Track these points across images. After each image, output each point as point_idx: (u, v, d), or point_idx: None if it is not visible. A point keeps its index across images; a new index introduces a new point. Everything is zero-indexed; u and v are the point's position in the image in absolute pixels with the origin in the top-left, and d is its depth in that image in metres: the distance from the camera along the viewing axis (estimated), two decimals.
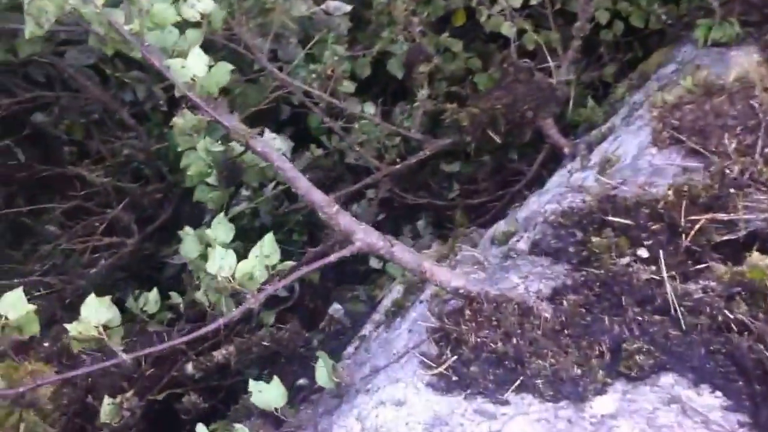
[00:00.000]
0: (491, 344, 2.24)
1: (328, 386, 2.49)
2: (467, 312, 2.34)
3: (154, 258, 3.98)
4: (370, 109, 4.32)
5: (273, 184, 4.40)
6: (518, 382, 2.19)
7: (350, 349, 3.35)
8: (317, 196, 2.49)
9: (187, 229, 3.51)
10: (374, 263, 4.74)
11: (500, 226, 3.41)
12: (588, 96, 4.18)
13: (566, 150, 3.87)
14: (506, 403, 2.15)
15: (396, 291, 3.50)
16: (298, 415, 2.98)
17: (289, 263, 3.00)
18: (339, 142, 4.42)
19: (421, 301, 2.87)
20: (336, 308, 3.81)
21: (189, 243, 3.44)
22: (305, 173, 4.60)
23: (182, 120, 2.83)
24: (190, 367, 3.27)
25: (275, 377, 2.53)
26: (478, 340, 2.26)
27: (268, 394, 2.46)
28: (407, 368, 2.33)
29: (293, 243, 4.67)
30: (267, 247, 2.88)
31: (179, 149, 3.14)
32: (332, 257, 2.45)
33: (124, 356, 2.18)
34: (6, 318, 2.18)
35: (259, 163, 3.44)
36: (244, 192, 4.41)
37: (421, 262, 2.43)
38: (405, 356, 2.39)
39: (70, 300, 3.62)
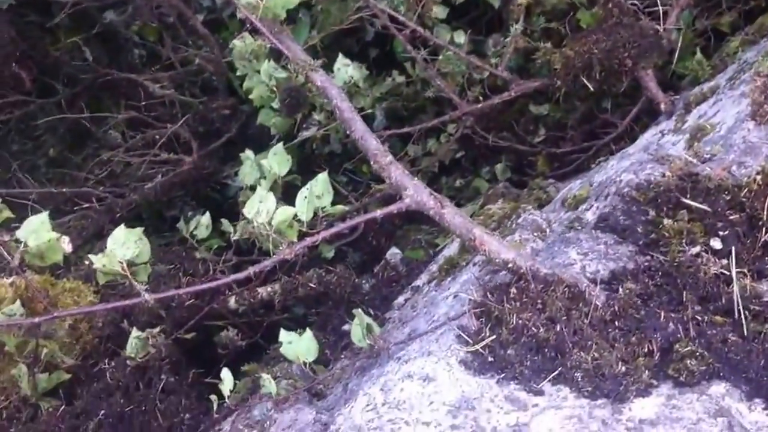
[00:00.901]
0: (533, 328, 2.25)
1: (361, 346, 2.54)
2: (513, 290, 2.34)
3: (215, 177, 4.06)
4: (460, 38, 4.27)
5: None
6: (556, 372, 2.19)
7: (401, 299, 3.40)
8: (372, 144, 2.50)
9: (248, 152, 3.58)
10: None
11: (574, 188, 3.36)
12: (697, 47, 4.02)
13: (663, 106, 3.75)
14: (540, 393, 2.16)
15: (454, 245, 3.52)
16: (335, 365, 3.06)
17: (341, 208, 3.04)
18: (423, 71, 4.38)
19: (474, 263, 2.88)
20: (393, 252, 3.85)
21: (247, 168, 3.51)
22: (384, 101, 4.67)
23: (242, 44, 2.85)
24: (232, 301, 3.37)
25: (308, 330, 2.59)
26: (520, 321, 2.26)
27: (298, 346, 2.53)
28: (443, 340, 2.36)
29: (363, 174, 4.71)
30: (319, 187, 2.92)
31: (238, 73, 3.17)
32: (378, 213, 2.47)
33: (147, 296, 2.26)
34: (26, 245, 2.25)
35: None
36: (316, 116, 4.44)
37: (472, 229, 2.43)
38: (443, 327, 2.41)
39: (120, 214, 3.75)
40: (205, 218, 3.54)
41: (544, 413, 2.10)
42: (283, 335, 2.58)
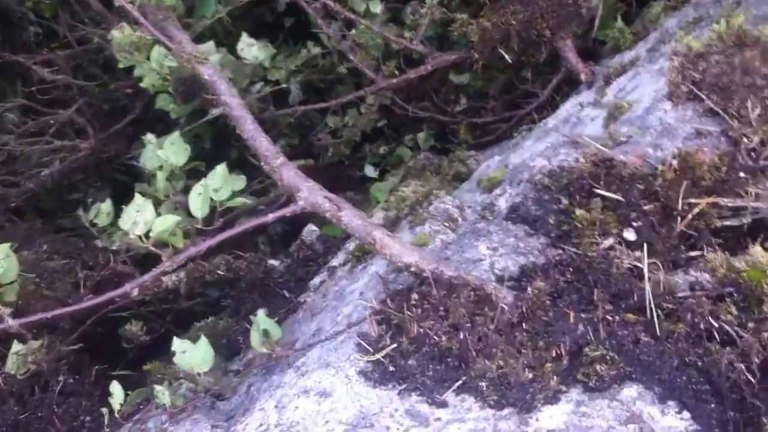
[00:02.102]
0: (435, 337, 2.10)
1: (260, 350, 2.38)
2: (414, 295, 2.19)
3: (120, 159, 3.82)
4: (376, 7, 4.05)
5: (261, 84, 4.21)
6: (460, 381, 2.06)
7: (317, 280, 3.23)
8: (262, 144, 2.31)
9: (149, 136, 3.36)
10: (371, 171, 4.60)
11: (491, 166, 3.22)
12: (618, 12, 3.87)
13: (583, 77, 3.62)
14: (443, 404, 2.02)
15: (377, 217, 3.36)
16: (246, 354, 2.89)
17: (242, 201, 2.86)
18: (338, 44, 4.17)
19: None
20: (310, 230, 3.67)
21: (149, 153, 3.29)
22: (299, 74, 4.45)
23: (120, 35, 2.62)
24: (135, 291, 3.16)
25: (202, 338, 2.41)
26: (421, 330, 2.12)
27: (192, 356, 2.35)
28: (343, 349, 2.20)
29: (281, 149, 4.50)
30: (217, 180, 2.73)
31: (120, 66, 2.93)
32: (270, 217, 2.30)
33: (11, 322, 2.07)
34: None
35: None
36: None
37: (372, 232, 2.26)
38: (344, 334, 2.25)
39: (15, 203, 3.50)
40: (106, 205, 3.31)
41: (447, 428, 1.96)
42: (176, 344, 2.40)
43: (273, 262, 3.49)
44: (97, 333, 3.18)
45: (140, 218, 2.26)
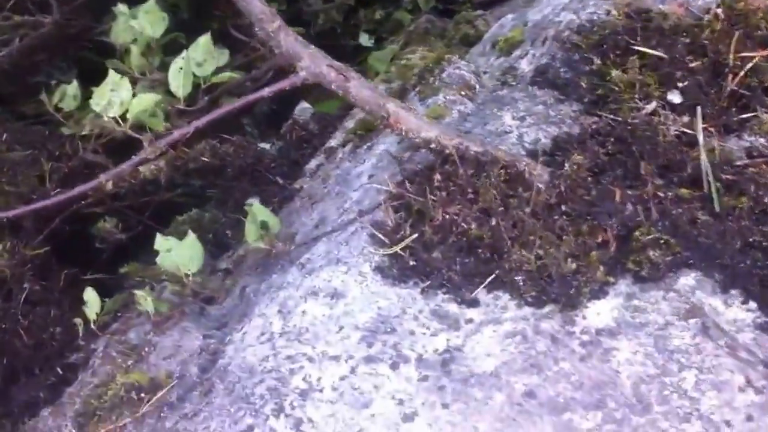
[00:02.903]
0: (463, 224, 1.80)
1: (256, 247, 2.08)
2: (437, 176, 1.88)
3: (87, 35, 3.41)
4: None
5: None
6: (493, 276, 1.77)
7: (313, 164, 2.91)
8: (256, 6, 1.95)
9: (121, 6, 2.96)
10: (365, 39, 4.23)
11: (506, 25, 2.86)
12: None
13: None
14: (474, 303, 1.74)
15: None
16: (236, 249, 2.60)
17: (228, 75, 2.52)
18: None
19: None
20: (303, 108, 3.33)
21: (120, 25, 2.91)
22: None
23: None
24: (109, 185, 2.84)
25: (190, 233, 2.11)
26: (447, 216, 1.82)
27: (178, 254, 2.05)
28: (354, 242, 1.91)
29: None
30: (199, 53, 2.39)
31: None
32: (266, 91, 1.96)
33: None
34: None
35: None
36: None
37: (385, 104, 1.93)
38: (354, 224, 1.96)
39: None
40: (73, 87, 2.94)
41: (481, 331, 1.69)
42: (159, 242, 2.09)
43: (263, 145, 3.15)
44: (65, 233, 2.87)
45: (115, 98, 1.92)
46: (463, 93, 2.34)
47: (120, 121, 1.89)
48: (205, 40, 2.40)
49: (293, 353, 1.65)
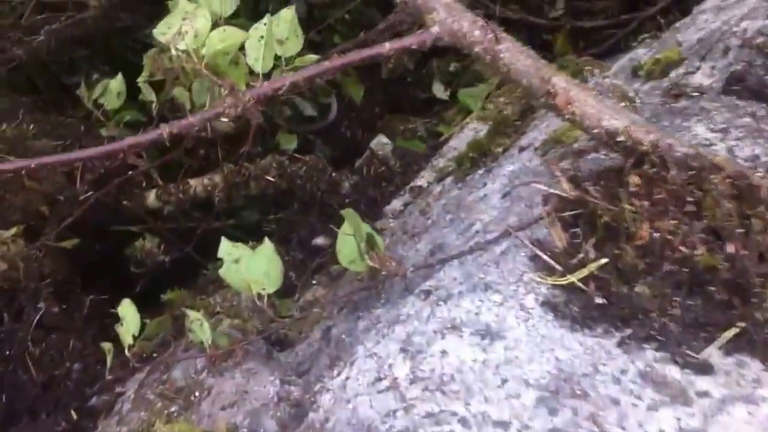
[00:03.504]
0: (683, 247, 1.20)
1: (356, 270, 1.48)
2: (634, 179, 1.29)
3: (134, 33, 2.88)
4: None
5: None
6: (735, 330, 1.16)
7: (396, 204, 2.38)
8: None
9: None
10: (440, 91, 3.69)
11: (639, 56, 2.33)
12: None
13: None
14: (706, 368, 1.12)
15: (471, 129, 2.51)
16: (303, 295, 2.04)
17: (313, 57, 1.97)
18: None
19: (524, 147, 1.83)
20: (382, 142, 2.78)
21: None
22: None
23: None
24: (152, 197, 2.28)
25: (266, 241, 1.52)
26: (657, 234, 1.22)
27: (251, 266, 1.46)
28: (507, 264, 1.31)
29: (332, 47, 3.58)
30: (282, 28, 1.85)
31: None
32: (386, 46, 1.39)
33: None
34: None
35: None
36: None
37: (550, 77, 1.37)
38: (502, 241, 1.36)
39: (3, 70, 2.58)
40: (117, 82, 2.41)
41: (727, 411, 1.07)
42: (225, 247, 1.49)
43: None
44: (95, 252, 2.30)
45: (188, 27, 1.36)
46: (623, 104, 1.77)
47: (193, 55, 1.32)
48: (288, 13, 1.86)
49: (436, 410, 1.04)
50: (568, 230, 1.29)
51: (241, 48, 1.46)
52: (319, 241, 2.46)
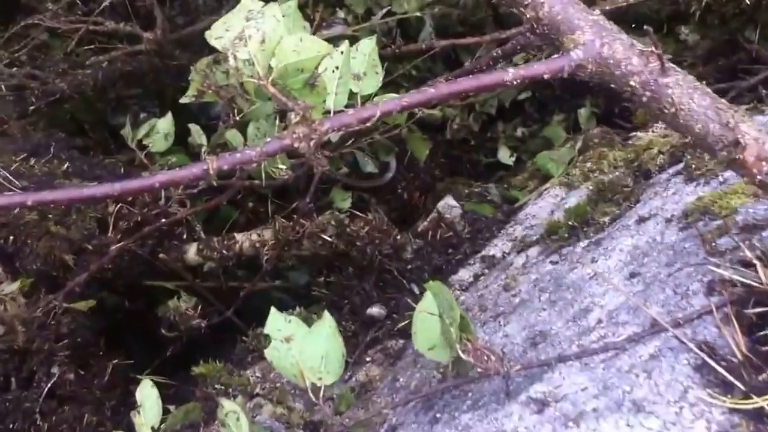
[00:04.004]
0: None
1: (438, 359, 1.11)
2: None
3: (189, 74, 2.56)
4: None
5: (385, 11, 3.05)
6: None
7: (465, 274, 2.02)
8: None
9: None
10: (506, 156, 3.33)
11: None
12: None
13: None
14: None
15: (553, 195, 2.16)
16: (354, 373, 1.69)
17: (392, 95, 1.62)
18: None
19: (644, 219, 1.44)
20: (450, 204, 2.41)
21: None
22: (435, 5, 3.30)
23: None
24: (192, 251, 1.93)
25: (326, 315, 1.15)
26: None
27: (305, 348, 1.09)
28: (659, 375, 0.92)
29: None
30: (360, 61, 1.53)
31: None
32: (511, 73, 1.04)
33: None
34: None
35: None
36: (340, 14, 3.08)
37: (735, 122, 1.00)
38: (648, 338, 0.98)
39: (37, 107, 2.26)
40: (165, 122, 2.09)
41: None
42: (275, 321, 1.12)
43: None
44: (123, 309, 1.95)
45: (252, 30, 1.01)
46: None
47: (257, 65, 0.97)
48: (369, 45, 1.53)
49: None
50: (750, 333, 0.91)
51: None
52: (375, 311, 2.09)
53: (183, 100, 1.24)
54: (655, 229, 1.33)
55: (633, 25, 2.56)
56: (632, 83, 1.05)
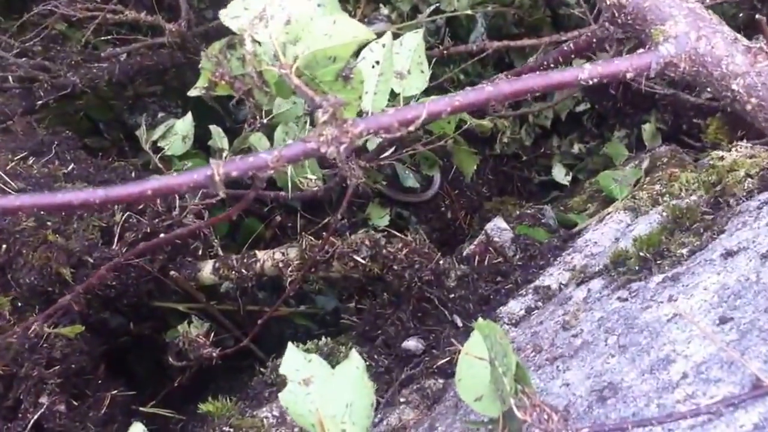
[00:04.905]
0: None
1: (486, 413, 0.98)
2: None
3: None
4: None
5: (432, 8, 2.98)
6: None
7: (516, 306, 1.91)
8: None
9: None
10: (560, 174, 3.21)
11: None
12: None
13: None
14: None
15: (617, 221, 2.03)
16: (385, 415, 1.59)
17: (435, 98, 1.50)
18: None
19: (732, 253, 1.30)
20: (500, 227, 2.29)
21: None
22: (486, 4, 3.22)
23: None
24: (208, 270, 1.81)
25: (353, 354, 1.02)
26: None
27: (326, 392, 0.96)
28: None
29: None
30: (404, 57, 1.42)
31: None
32: (588, 70, 0.91)
33: None
34: None
35: None
36: (384, 10, 3.01)
37: None
38: (750, 403, 0.84)
39: (45, 101, 2.17)
40: (184, 124, 2.00)
41: None
42: (292, 358, 1.00)
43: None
44: (128, 332, 1.84)
45: (276, 9, 0.89)
46: None
47: (280, 52, 0.85)
48: (414, 39, 1.41)
49: None
50: None
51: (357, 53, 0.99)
52: (411, 344, 1.97)
53: (191, 92, 1.13)
54: (747, 266, 1.19)
55: None
56: (734, 87, 0.91)
